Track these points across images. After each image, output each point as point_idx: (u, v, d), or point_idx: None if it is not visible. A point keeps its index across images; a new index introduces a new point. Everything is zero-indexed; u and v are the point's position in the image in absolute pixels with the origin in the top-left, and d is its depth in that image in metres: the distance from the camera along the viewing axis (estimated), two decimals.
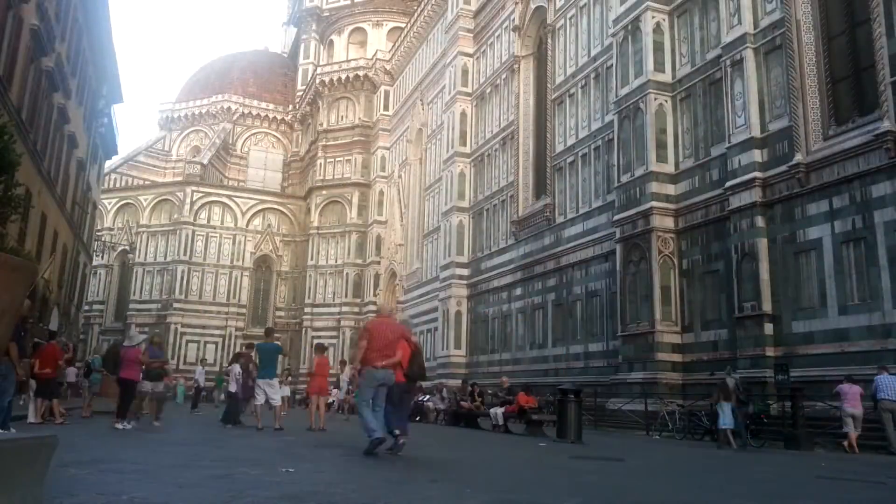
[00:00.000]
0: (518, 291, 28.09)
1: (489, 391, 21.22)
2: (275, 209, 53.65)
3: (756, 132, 17.02)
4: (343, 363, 27.49)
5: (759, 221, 16.55)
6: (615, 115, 21.84)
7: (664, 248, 19.38)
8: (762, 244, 16.44)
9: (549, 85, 27.73)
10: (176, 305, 48.70)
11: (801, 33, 16.48)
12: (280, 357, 13.87)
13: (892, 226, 13.80)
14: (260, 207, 52.99)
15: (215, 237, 50.92)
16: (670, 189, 19.81)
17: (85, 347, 44.13)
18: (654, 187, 19.70)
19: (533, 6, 29.84)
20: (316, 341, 41.43)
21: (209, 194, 51.54)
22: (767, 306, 16.07)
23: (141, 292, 49.79)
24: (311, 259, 49.80)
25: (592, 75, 24.73)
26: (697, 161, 19.33)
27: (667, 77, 20.48)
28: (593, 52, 24.85)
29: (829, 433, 13.41)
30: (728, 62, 17.99)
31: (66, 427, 11.67)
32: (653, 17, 20.77)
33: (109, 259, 50.43)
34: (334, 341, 47.19)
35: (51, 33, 20.36)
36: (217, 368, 39.70)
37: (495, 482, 6.38)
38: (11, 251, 3.42)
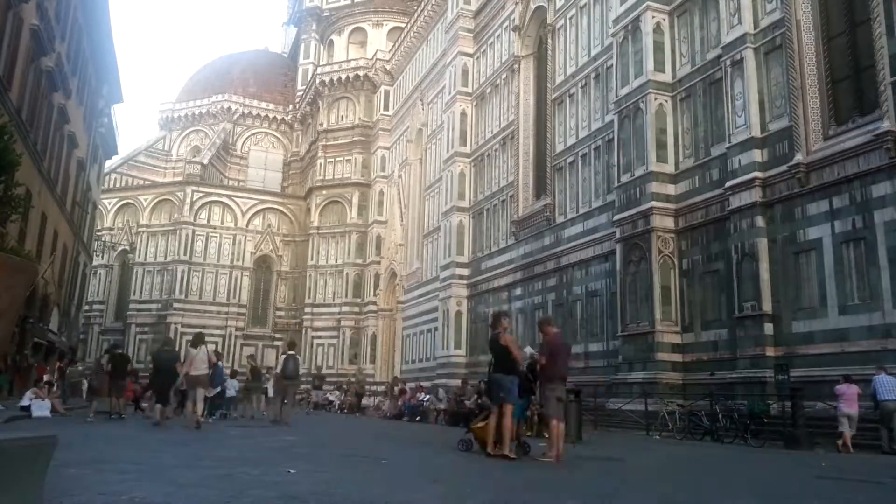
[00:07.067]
0: (518, 291, 28.07)
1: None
2: (275, 209, 53.61)
3: (756, 132, 17.01)
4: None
5: (759, 221, 16.55)
6: (615, 115, 21.82)
7: (664, 248, 19.37)
8: (762, 244, 16.43)
9: (549, 85, 27.71)
10: (176, 305, 48.65)
11: (801, 33, 16.47)
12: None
13: (892, 226, 13.79)
14: (260, 207, 52.95)
15: (215, 237, 50.87)
16: (670, 189, 19.80)
17: (85, 347, 44.15)
18: (654, 187, 19.68)
19: (533, 6, 29.82)
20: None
21: (209, 194, 51.49)
22: (767, 306, 16.05)
23: (141, 292, 49.75)
24: (311, 259, 49.77)
25: (592, 75, 24.71)
26: (697, 161, 19.31)
27: (667, 77, 20.47)
28: (593, 52, 24.83)
29: (829, 433, 13.40)
30: (728, 62, 17.98)
31: (72, 426, 11.66)
32: (653, 17, 20.75)
33: (109, 259, 50.39)
34: (334, 341, 47.20)
35: (51, 33, 20.36)
36: None
37: (495, 482, 6.38)
38: (11, 251, 3.42)
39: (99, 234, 45.37)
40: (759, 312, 16.09)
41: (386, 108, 49.12)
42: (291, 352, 15.39)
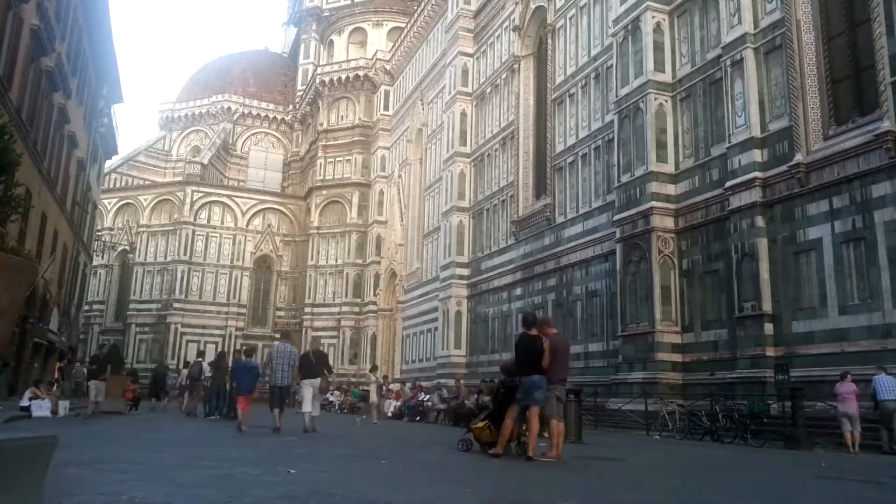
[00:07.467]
0: (518, 291, 28.07)
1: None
2: (275, 209, 53.57)
3: (756, 132, 17.01)
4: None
5: (759, 221, 16.55)
6: (615, 115, 21.82)
7: (664, 248, 19.37)
8: (762, 244, 16.43)
9: (549, 85, 27.70)
10: (176, 305, 48.62)
11: (801, 33, 16.47)
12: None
13: (892, 226, 13.80)
14: (260, 207, 52.92)
15: (215, 237, 50.83)
16: (670, 189, 19.80)
17: (85, 347, 44.15)
18: (654, 187, 19.69)
19: (533, 6, 29.82)
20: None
21: (209, 194, 51.45)
22: (767, 306, 16.06)
23: (141, 292, 49.72)
24: (311, 259, 49.75)
25: (592, 75, 24.71)
26: (697, 161, 19.32)
27: (667, 77, 20.47)
28: (593, 52, 24.83)
29: (829, 433, 13.41)
30: (728, 62, 17.98)
31: (73, 426, 11.67)
32: (653, 17, 20.75)
33: (109, 259, 50.36)
34: (334, 341, 47.17)
35: (51, 33, 20.34)
36: None
37: (495, 482, 6.39)
38: (11, 251, 3.42)
39: (99, 234, 45.32)
40: (759, 312, 16.09)
41: (386, 108, 49.10)
42: (199, 359, 20.00)
